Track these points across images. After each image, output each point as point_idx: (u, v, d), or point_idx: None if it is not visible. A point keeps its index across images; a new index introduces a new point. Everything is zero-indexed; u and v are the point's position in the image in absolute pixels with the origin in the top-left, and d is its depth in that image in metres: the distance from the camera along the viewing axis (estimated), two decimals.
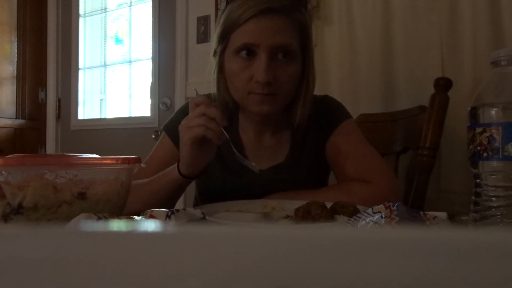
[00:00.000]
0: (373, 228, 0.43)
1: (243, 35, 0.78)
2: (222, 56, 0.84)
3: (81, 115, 2.68)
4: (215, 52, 0.86)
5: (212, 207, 0.68)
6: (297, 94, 0.86)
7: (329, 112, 0.92)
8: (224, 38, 0.81)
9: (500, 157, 0.45)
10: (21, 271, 0.15)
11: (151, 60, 2.37)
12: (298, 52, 0.81)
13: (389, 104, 1.49)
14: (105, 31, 2.66)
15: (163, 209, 0.52)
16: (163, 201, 0.76)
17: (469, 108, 0.48)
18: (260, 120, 0.89)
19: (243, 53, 0.78)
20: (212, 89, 0.88)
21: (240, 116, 0.93)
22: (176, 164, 0.76)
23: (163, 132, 0.94)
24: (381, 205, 0.46)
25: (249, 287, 0.14)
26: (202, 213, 0.54)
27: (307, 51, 0.84)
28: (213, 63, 0.87)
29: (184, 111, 0.94)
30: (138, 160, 0.57)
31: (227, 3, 0.82)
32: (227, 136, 0.72)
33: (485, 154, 0.46)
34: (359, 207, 0.59)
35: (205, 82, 0.91)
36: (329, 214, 0.56)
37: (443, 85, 1.10)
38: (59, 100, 2.74)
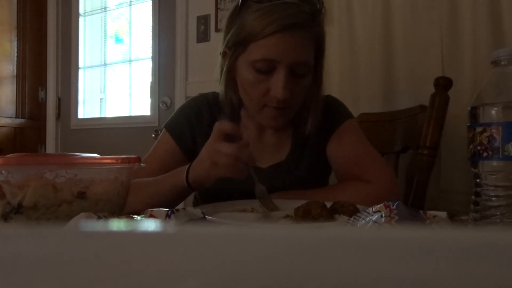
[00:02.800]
0: (373, 227, 0.43)
1: (264, 49, 0.76)
2: (236, 60, 0.82)
3: (81, 114, 2.68)
4: (225, 52, 0.84)
5: (212, 207, 0.68)
6: (306, 102, 0.85)
7: (331, 112, 0.91)
8: (240, 44, 0.79)
9: (500, 156, 0.45)
10: (21, 271, 0.15)
11: (151, 59, 2.37)
12: (313, 65, 0.81)
13: (389, 104, 1.49)
14: (105, 30, 2.66)
15: (163, 209, 0.52)
16: (165, 203, 0.75)
17: (469, 108, 0.48)
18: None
19: (262, 66, 0.77)
20: (220, 88, 0.88)
21: (242, 113, 0.93)
22: (183, 171, 0.74)
23: (164, 130, 0.94)
24: (381, 205, 0.46)
25: (249, 287, 0.14)
26: (202, 213, 0.54)
27: (320, 62, 0.84)
28: (221, 63, 0.85)
29: (186, 110, 0.94)
30: (138, 160, 0.57)
31: (242, 4, 0.79)
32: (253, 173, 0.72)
33: (485, 154, 0.46)
34: (359, 206, 0.59)
35: (205, 82, 0.91)
36: (329, 214, 0.56)
37: (443, 84, 1.10)
38: (59, 99, 2.73)
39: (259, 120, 0.86)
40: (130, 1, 2.53)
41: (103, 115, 2.69)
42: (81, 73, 2.68)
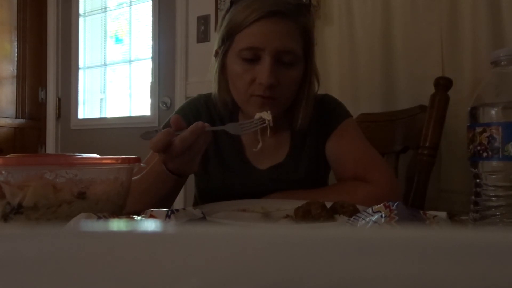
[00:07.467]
0: (372, 227, 0.43)
1: (248, 37, 0.78)
2: (225, 56, 0.84)
3: (81, 115, 2.68)
4: (217, 52, 0.86)
5: (212, 207, 0.68)
6: (298, 97, 0.86)
7: (329, 111, 0.91)
8: (228, 38, 0.81)
9: (500, 157, 0.45)
10: (21, 271, 0.15)
11: (151, 59, 2.37)
12: (301, 56, 0.82)
13: (389, 104, 1.49)
14: (105, 31, 2.66)
15: (163, 209, 0.52)
16: (157, 197, 0.73)
17: (469, 108, 0.48)
18: None
19: (247, 55, 0.78)
20: (213, 89, 0.88)
21: (240, 116, 0.93)
22: (161, 164, 0.70)
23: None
24: (381, 205, 0.46)
25: (249, 287, 0.14)
26: (202, 213, 0.54)
27: (310, 55, 0.84)
28: (214, 63, 0.87)
29: (184, 111, 0.94)
30: (138, 160, 0.57)
31: (232, 3, 0.82)
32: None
33: (485, 154, 0.46)
34: (359, 206, 0.59)
35: (205, 82, 0.91)
36: (329, 214, 0.56)
37: (443, 84, 1.10)
38: (59, 100, 2.73)
39: (248, 112, 0.85)
40: (130, 1, 2.53)
41: (103, 116, 2.69)
42: (81, 73, 2.68)
